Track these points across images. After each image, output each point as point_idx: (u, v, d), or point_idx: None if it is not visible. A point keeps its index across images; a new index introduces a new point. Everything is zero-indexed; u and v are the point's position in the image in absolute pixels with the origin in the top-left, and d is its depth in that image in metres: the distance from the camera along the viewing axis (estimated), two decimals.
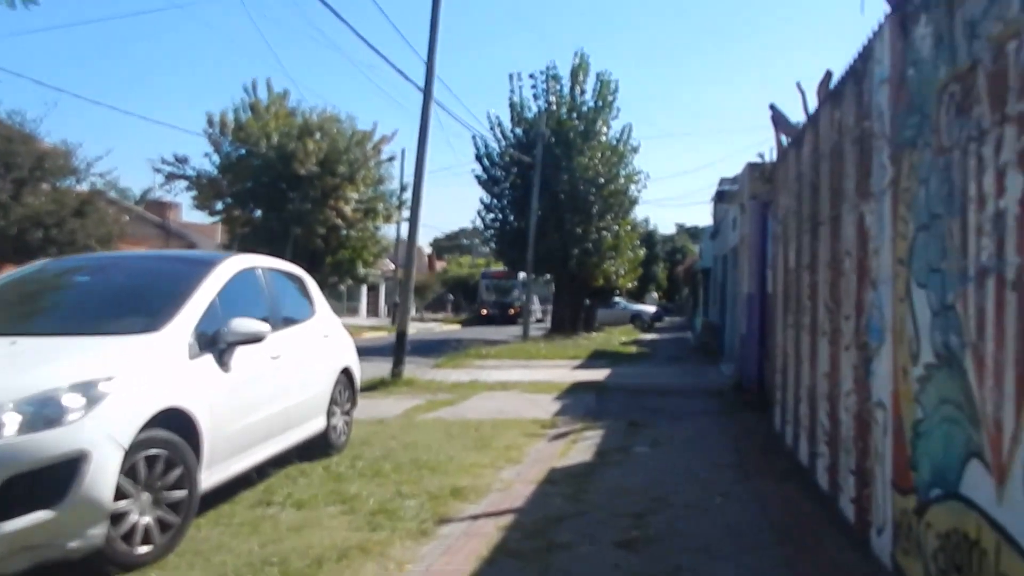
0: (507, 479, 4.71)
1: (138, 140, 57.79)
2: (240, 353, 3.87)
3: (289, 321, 4.69)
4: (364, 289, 38.00)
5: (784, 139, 9.24)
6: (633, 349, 19.40)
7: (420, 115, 10.97)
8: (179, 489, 3.21)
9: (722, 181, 15.19)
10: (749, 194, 10.50)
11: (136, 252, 8.64)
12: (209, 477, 3.57)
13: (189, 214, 31.03)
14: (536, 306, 36.18)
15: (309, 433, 4.84)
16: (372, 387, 10.22)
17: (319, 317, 5.26)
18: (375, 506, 3.94)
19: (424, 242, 42.37)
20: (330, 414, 5.14)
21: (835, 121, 4.47)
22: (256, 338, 3.85)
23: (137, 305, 3.77)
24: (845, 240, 4.07)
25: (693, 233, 50.33)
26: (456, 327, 34.21)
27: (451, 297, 46.55)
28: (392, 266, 34.64)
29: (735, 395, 9.65)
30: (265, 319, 4.20)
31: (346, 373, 5.47)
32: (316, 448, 5.10)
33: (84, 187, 14.87)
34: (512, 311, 34.52)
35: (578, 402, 8.90)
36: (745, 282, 10.67)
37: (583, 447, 5.81)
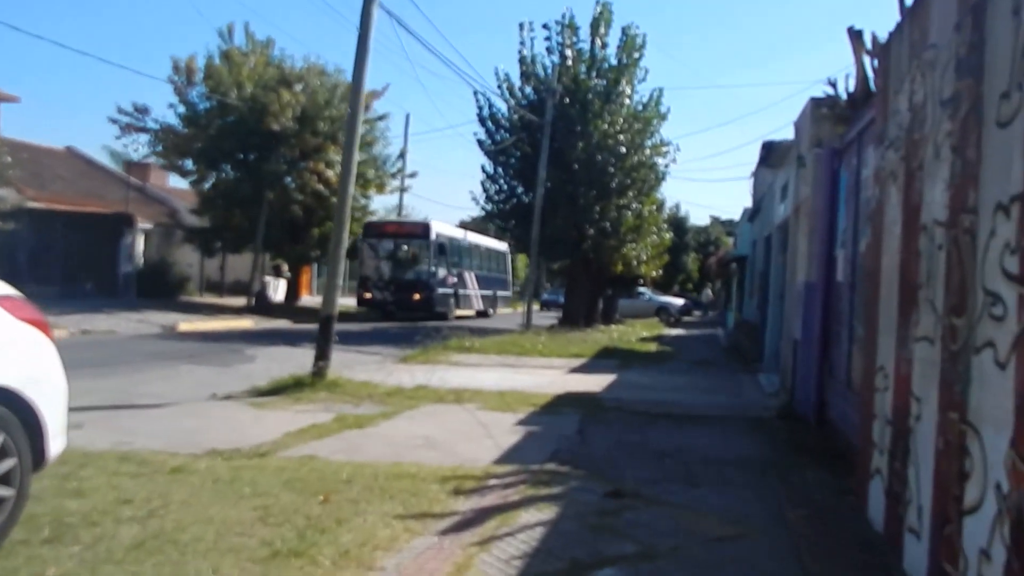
0: None
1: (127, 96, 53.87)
2: None
3: None
4: None
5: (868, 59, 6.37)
6: (653, 347, 16.37)
7: (360, 18, 8.09)
8: None
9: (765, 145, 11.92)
10: (811, 141, 7.41)
11: None
12: None
13: (177, 179, 28.71)
14: (472, 290, 24.49)
15: None
16: (278, 390, 7.52)
17: None
18: None
19: (453, 222, 37.08)
20: None
21: None
22: None
23: None
24: None
25: (729, 226, 46.72)
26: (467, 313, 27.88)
27: None
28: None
29: (785, 428, 6.68)
30: None
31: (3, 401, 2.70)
32: None
33: None
34: (417, 296, 21.04)
35: (549, 432, 6.02)
36: (801, 267, 7.61)
37: (499, 560, 2.95)
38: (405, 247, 21.87)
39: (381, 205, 29.84)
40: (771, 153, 9.88)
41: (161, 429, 5.45)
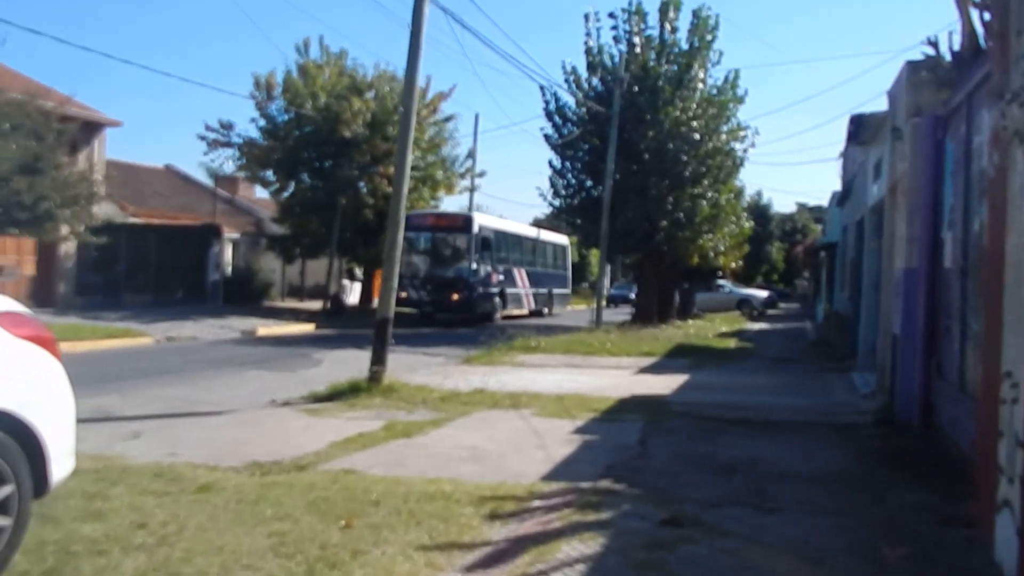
0: None
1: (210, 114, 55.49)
2: None
3: None
4: None
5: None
6: (731, 344, 15.41)
7: (411, 15, 7.89)
8: None
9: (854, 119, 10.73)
10: (909, 111, 6.50)
11: None
12: None
13: (263, 190, 29.99)
14: (523, 288, 22.58)
15: None
16: (334, 396, 7.42)
17: None
18: None
19: (526, 219, 35.65)
20: None
21: None
22: None
23: None
24: None
25: (816, 213, 43.85)
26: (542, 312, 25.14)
27: None
28: None
29: (881, 435, 5.87)
30: None
31: None
32: None
33: (50, 140, 13.02)
34: (455, 296, 19.21)
35: (607, 442, 5.54)
36: (900, 252, 6.70)
37: None
38: (444, 242, 20.05)
39: (454, 206, 29.85)
40: (861, 128, 8.86)
41: (212, 439, 5.42)
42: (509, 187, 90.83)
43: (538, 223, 29.12)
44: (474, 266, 19.59)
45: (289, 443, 5.31)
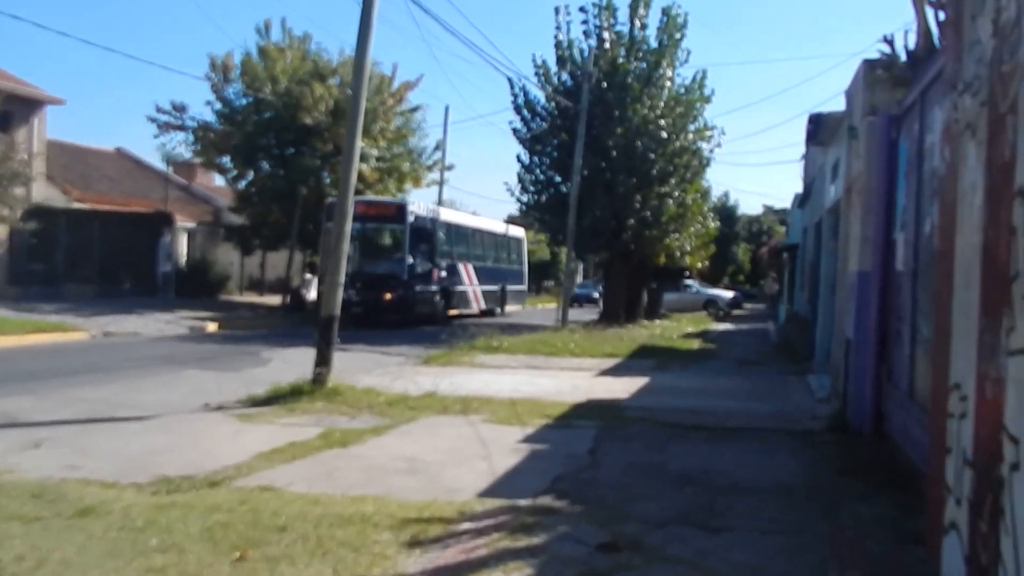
0: None
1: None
2: None
3: None
4: None
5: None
6: (695, 344, 15.33)
7: None
8: None
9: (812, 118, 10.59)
10: (865, 109, 6.38)
11: None
12: None
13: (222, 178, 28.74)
14: (469, 286, 20.53)
15: None
16: (274, 399, 6.99)
17: None
18: None
19: (498, 215, 34.17)
20: None
21: None
22: None
23: None
24: None
25: (782, 215, 44.44)
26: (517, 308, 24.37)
27: None
28: None
29: (835, 442, 5.74)
30: None
31: None
32: None
33: None
34: (388, 296, 16.79)
35: (556, 451, 5.26)
36: (854, 254, 6.57)
37: None
38: (376, 233, 17.81)
39: (422, 199, 29.13)
40: (820, 128, 8.76)
41: (124, 449, 4.98)
42: (482, 182, 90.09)
43: (511, 220, 28.35)
44: (410, 260, 17.09)
45: (211, 454, 4.91)
